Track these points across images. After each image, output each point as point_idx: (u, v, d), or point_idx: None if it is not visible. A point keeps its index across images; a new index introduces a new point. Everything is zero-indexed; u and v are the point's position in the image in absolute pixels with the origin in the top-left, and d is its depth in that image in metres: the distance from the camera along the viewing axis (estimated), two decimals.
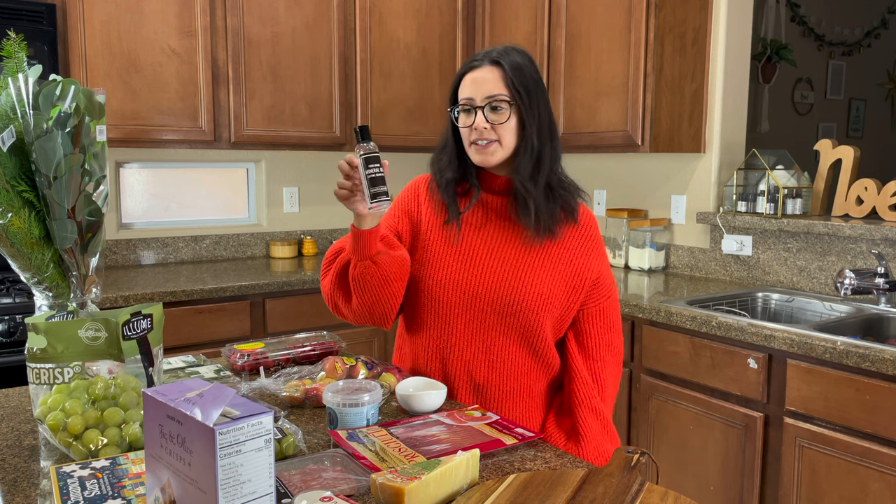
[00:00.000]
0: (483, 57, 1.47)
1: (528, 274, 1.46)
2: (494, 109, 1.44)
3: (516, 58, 1.46)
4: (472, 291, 1.47)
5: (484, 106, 1.44)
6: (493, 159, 1.46)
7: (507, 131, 1.44)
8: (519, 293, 1.45)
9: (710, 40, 2.95)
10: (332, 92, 3.28)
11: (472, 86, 1.45)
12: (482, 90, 1.44)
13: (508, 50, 1.48)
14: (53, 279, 1.30)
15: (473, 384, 1.49)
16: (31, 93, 1.21)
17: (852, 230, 2.48)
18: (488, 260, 1.48)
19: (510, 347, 1.48)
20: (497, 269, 1.47)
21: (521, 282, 1.45)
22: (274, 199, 3.61)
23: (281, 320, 2.92)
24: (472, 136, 1.45)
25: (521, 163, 1.45)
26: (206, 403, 0.78)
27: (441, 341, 1.50)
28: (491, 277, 1.46)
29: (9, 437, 1.24)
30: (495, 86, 1.44)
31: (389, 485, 0.96)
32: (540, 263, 1.47)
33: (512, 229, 1.50)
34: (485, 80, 1.44)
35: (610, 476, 1.05)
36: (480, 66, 1.46)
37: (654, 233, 3.18)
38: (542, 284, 1.46)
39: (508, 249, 1.48)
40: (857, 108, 5.35)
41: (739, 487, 2.23)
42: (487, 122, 1.43)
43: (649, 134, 2.82)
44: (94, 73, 2.73)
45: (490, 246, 1.49)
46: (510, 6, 3.37)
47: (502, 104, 1.43)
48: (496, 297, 1.45)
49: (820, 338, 2.00)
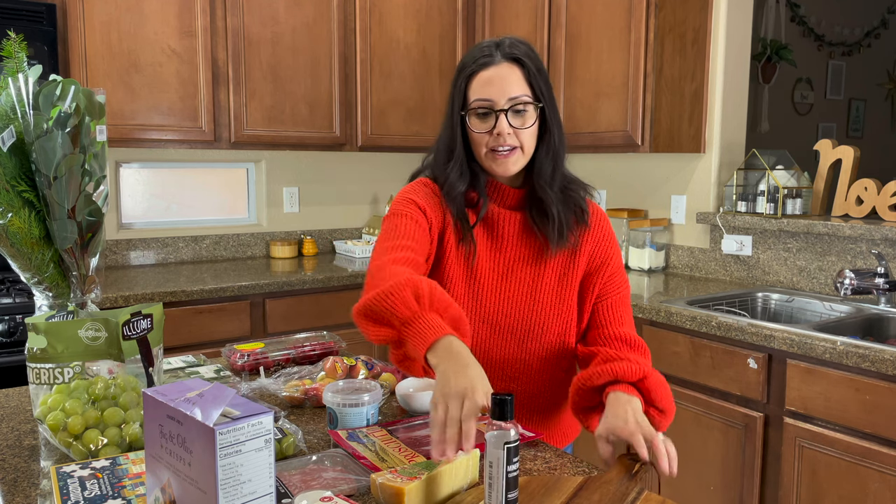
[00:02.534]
0: (493, 51, 1.31)
1: (547, 295, 1.37)
2: (518, 112, 1.30)
3: (528, 51, 1.32)
4: (487, 319, 1.37)
5: (508, 109, 1.29)
6: (514, 168, 1.33)
7: (530, 136, 1.32)
8: (539, 318, 1.36)
9: (710, 40, 2.95)
10: (332, 92, 3.28)
11: (489, 86, 1.29)
12: (503, 91, 1.29)
13: (516, 43, 1.33)
14: (53, 279, 1.30)
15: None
16: (31, 93, 1.21)
17: (852, 230, 2.48)
18: (502, 284, 1.37)
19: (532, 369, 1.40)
20: (513, 295, 1.37)
21: (540, 305, 1.37)
22: (274, 199, 3.61)
23: (281, 320, 2.92)
24: (492, 142, 1.30)
25: (543, 167, 1.34)
26: (206, 403, 0.79)
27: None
28: (507, 304, 1.37)
29: (9, 437, 1.24)
30: (518, 86, 1.29)
31: (389, 485, 0.96)
32: (557, 280, 1.38)
33: (526, 247, 1.39)
34: (504, 79, 1.29)
35: (608, 483, 1.04)
36: (494, 63, 1.30)
37: (654, 233, 3.18)
38: (563, 304, 1.37)
39: (525, 270, 1.38)
40: (857, 108, 5.35)
41: (739, 487, 2.23)
42: (511, 126, 1.29)
43: (649, 134, 2.82)
44: (94, 73, 2.73)
45: (504, 268, 1.38)
46: (510, 6, 3.37)
47: (527, 106, 1.30)
48: (514, 324, 1.36)
49: (820, 338, 2.00)
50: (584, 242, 1.40)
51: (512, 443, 0.90)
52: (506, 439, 0.90)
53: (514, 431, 0.91)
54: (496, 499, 0.92)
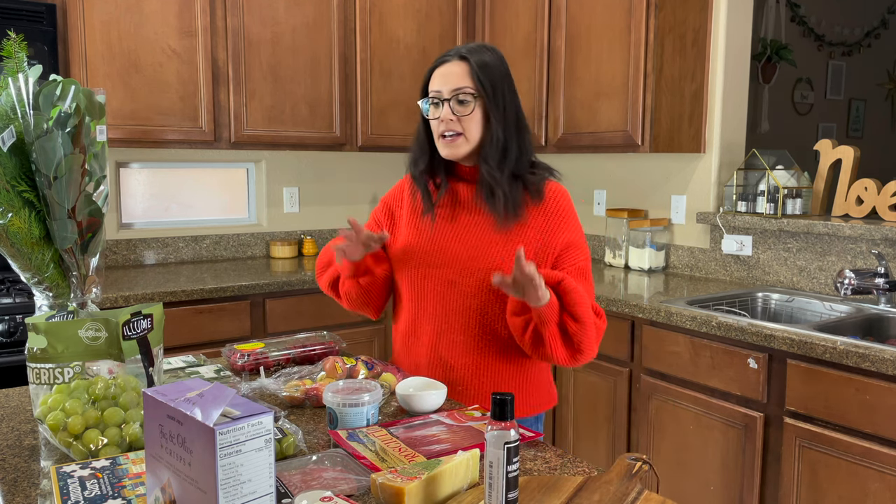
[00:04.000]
0: (454, 53, 1.54)
1: (492, 256, 1.52)
2: (461, 102, 1.50)
3: (485, 55, 1.52)
4: (444, 277, 1.54)
5: (450, 98, 1.50)
6: (459, 152, 1.53)
7: (472, 124, 1.51)
8: (481, 275, 1.51)
9: (710, 40, 2.95)
10: (333, 92, 3.28)
11: (440, 79, 1.52)
12: (449, 83, 1.51)
13: (479, 48, 1.54)
14: (53, 279, 1.30)
15: (444, 365, 1.56)
16: (31, 93, 1.21)
17: (852, 230, 2.48)
18: (457, 247, 1.55)
19: (473, 328, 1.54)
20: (465, 254, 1.54)
21: (485, 264, 1.51)
22: (274, 199, 3.61)
23: (281, 320, 2.92)
24: (440, 128, 1.52)
25: (488, 154, 1.51)
26: (206, 403, 0.79)
27: (416, 326, 1.59)
28: (460, 262, 1.53)
29: (9, 437, 1.24)
30: (462, 79, 1.50)
31: (389, 485, 0.96)
32: (504, 245, 1.52)
33: (480, 215, 1.55)
34: (452, 73, 1.51)
35: (608, 483, 1.04)
36: (449, 61, 1.53)
37: (654, 233, 3.18)
38: (504, 264, 1.50)
39: (477, 235, 1.54)
40: (857, 108, 5.35)
41: (739, 487, 2.23)
42: (454, 114, 1.50)
43: (649, 134, 2.82)
44: (94, 73, 2.73)
45: (459, 234, 1.56)
46: (510, 6, 3.37)
47: (468, 97, 1.50)
48: (465, 281, 1.52)
49: (820, 338, 2.00)
50: (535, 216, 1.54)
51: (512, 443, 0.91)
52: (506, 439, 0.91)
53: (514, 431, 0.92)
54: (496, 499, 0.92)
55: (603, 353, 2.63)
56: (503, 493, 0.91)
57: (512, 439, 0.91)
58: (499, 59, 1.55)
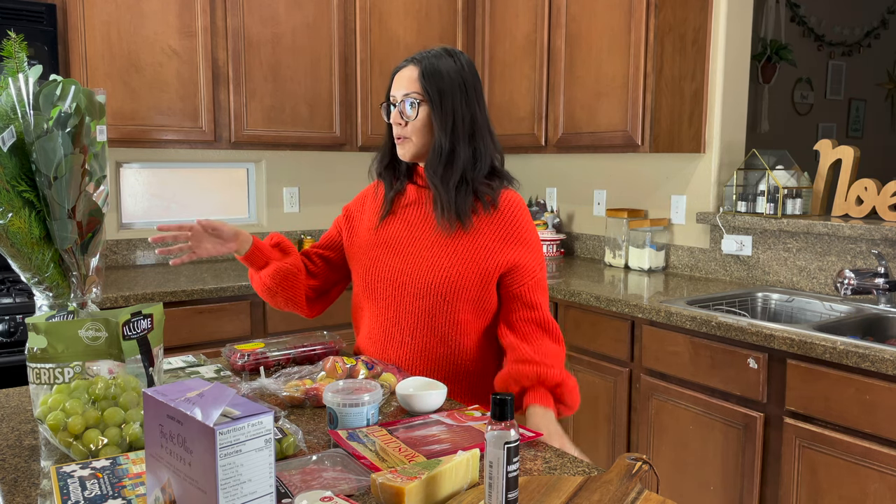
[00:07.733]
0: (412, 57, 1.56)
1: (441, 259, 1.53)
2: (410, 107, 1.53)
3: (441, 61, 1.53)
4: (394, 278, 1.56)
5: (400, 102, 1.54)
6: (406, 154, 1.57)
7: (416, 129, 1.54)
8: (430, 277, 1.52)
9: (710, 40, 2.95)
10: (333, 92, 3.28)
11: (395, 83, 1.56)
12: (401, 87, 1.54)
13: (438, 53, 1.55)
14: (54, 279, 1.30)
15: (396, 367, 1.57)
16: (31, 93, 1.21)
17: (852, 230, 2.48)
18: (409, 247, 1.57)
19: (422, 331, 1.55)
20: (415, 256, 1.56)
21: (434, 266, 1.53)
22: (274, 199, 3.61)
23: (281, 320, 2.92)
24: (395, 130, 1.56)
25: (430, 160, 1.54)
26: (206, 403, 0.79)
27: (373, 324, 1.62)
28: (410, 263, 1.55)
29: (9, 437, 1.24)
30: (411, 84, 1.53)
31: (389, 485, 0.96)
32: (453, 250, 1.54)
33: (432, 218, 1.58)
34: (404, 77, 1.54)
35: (608, 483, 1.04)
36: (406, 66, 1.56)
37: (654, 233, 3.18)
38: (453, 269, 1.52)
39: (428, 236, 1.56)
40: (857, 108, 5.35)
41: (739, 487, 2.23)
42: (401, 118, 1.54)
43: (649, 134, 2.82)
44: (94, 74, 2.73)
45: (412, 234, 1.58)
46: (510, 6, 3.37)
47: (415, 102, 1.52)
48: (413, 282, 1.54)
49: (820, 338, 2.00)
50: (486, 224, 1.55)
51: (512, 443, 0.91)
52: (506, 439, 0.91)
53: (514, 431, 0.91)
54: (496, 499, 0.92)
55: (603, 353, 2.63)
56: (503, 493, 0.91)
57: (512, 439, 0.91)
58: (460, 65, 1.54)
